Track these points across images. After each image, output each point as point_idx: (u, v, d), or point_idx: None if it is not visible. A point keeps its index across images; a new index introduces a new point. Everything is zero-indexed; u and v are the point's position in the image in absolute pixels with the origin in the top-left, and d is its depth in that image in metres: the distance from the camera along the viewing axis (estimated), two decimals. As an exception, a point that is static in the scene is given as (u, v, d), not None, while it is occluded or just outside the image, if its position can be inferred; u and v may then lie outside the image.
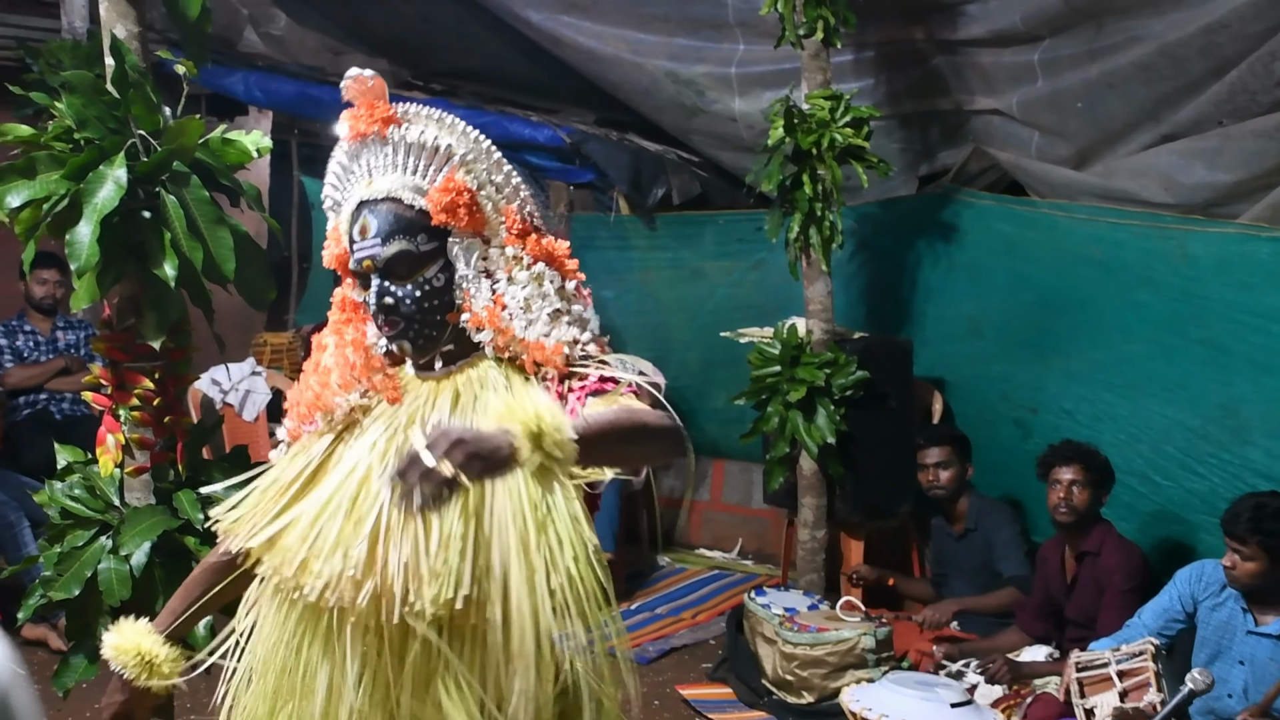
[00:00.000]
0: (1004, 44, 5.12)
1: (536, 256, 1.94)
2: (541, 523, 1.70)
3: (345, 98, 1.92)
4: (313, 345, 2.07)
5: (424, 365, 1.97)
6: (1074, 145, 5.09)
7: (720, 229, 6.88)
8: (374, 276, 1.89)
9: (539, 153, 6.89)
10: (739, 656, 5.18)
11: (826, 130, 5.05)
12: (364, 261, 1.89)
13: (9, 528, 5.44)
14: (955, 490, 5.24)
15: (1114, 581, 4.43)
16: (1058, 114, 5.05)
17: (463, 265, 1.91)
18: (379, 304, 1.89)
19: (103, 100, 3.02)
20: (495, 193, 1.94)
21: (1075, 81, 4.86)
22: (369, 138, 1.91)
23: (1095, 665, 3.71)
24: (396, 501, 1.56)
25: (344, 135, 1.93)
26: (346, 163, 1.95)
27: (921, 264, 6.01)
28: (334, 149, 1.99)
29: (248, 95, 7.22)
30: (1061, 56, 4.87)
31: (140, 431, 3.22)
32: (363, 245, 1.89)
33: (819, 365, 5.20)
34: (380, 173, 1.91)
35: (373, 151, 1.92)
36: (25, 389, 6.20)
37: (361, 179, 1.93)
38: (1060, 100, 4.98)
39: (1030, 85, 5.08)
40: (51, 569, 3.18)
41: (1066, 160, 5.15)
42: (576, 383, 1.90)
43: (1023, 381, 5.61)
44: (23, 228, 2.96)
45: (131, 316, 3.16)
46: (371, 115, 1.90)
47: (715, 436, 7.00)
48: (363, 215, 1.90)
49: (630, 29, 6.17)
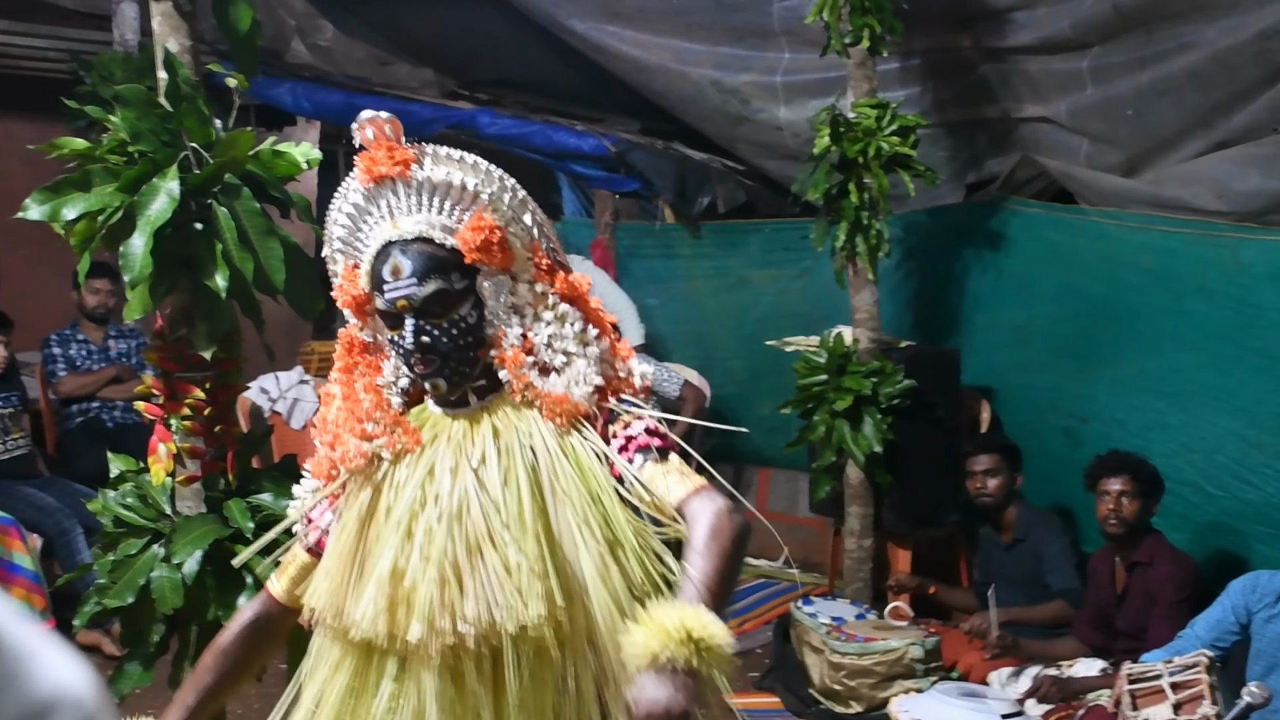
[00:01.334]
0: (1053, 51, 5.08)
1: (563, 294, 1.96)
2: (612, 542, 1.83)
3: (359, 140, 1.92)
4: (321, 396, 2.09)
5: (455, 401, 1.96)
6: (1124, 152, 5.04)
7: (766, 237, 6.87)
8: (408, 316, 1.88)
9: (584, 162, 6.90)
10: (786, 665, 5.16)
11: (873, 139, 5.03)
12: (398, 301, 1.88)
13: (63, 534, 5.50)
14: (1003, 499, 5.19)
15: (1165, 592, 4.38)
16: (1108, 121, 5.01)
17: (493, 302, 1.92)
18: (416, 343, 1.88)
19: (156, 113, 3.05)
20: (522, 230, 1.95)
21: (1126, 88, 4.81)
22: (389, 179, 1.90)
23: (1147, 677, 3.67)
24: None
25: (359, 178, 1.92)
26: (363, 204, 1.94)
27: (969, 272, 5.97)
28: (342, 190, 1.97)
29: (295, 106, 7.28)
30: (1112, 63, 4.83)
31: (191, 441, 3.26)
32: (396, 285, 1.88)
33: (865, 374, 5.18)
34: (404, 213, 1.91)
35: (393, 193, 1.91)
36: (78, 397, 6.29)
37: (382, 220, 1.92)
38: (1110, 107, 4.94)
39: (1080, 92, 5.04)
40: (106, 576, 3.22)
41: (1117, 168, 5.10)
42: (622, 430, 1.92)
43: (1072, 391, 5.56)
44: (78, 239, 3.00)
45: (183, 327, 3.20)
46: (391, 157, 1.89)
47: (760, 445, 6.97)
48: (393, 256, 1.89)
49: (675, 38, 6.17)
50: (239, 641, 2.07)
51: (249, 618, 2.08)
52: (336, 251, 2.01)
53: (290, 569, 2.07)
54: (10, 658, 0.49)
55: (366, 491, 1.94)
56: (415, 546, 1.84)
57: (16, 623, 0.50)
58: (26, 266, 7.23)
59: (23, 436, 5.90)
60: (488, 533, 1.82)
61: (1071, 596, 4.91)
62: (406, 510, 1.87)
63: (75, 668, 0.51)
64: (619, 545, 1.84)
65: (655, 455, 1.89)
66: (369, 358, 2.00)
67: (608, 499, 1.86)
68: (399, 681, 1.86)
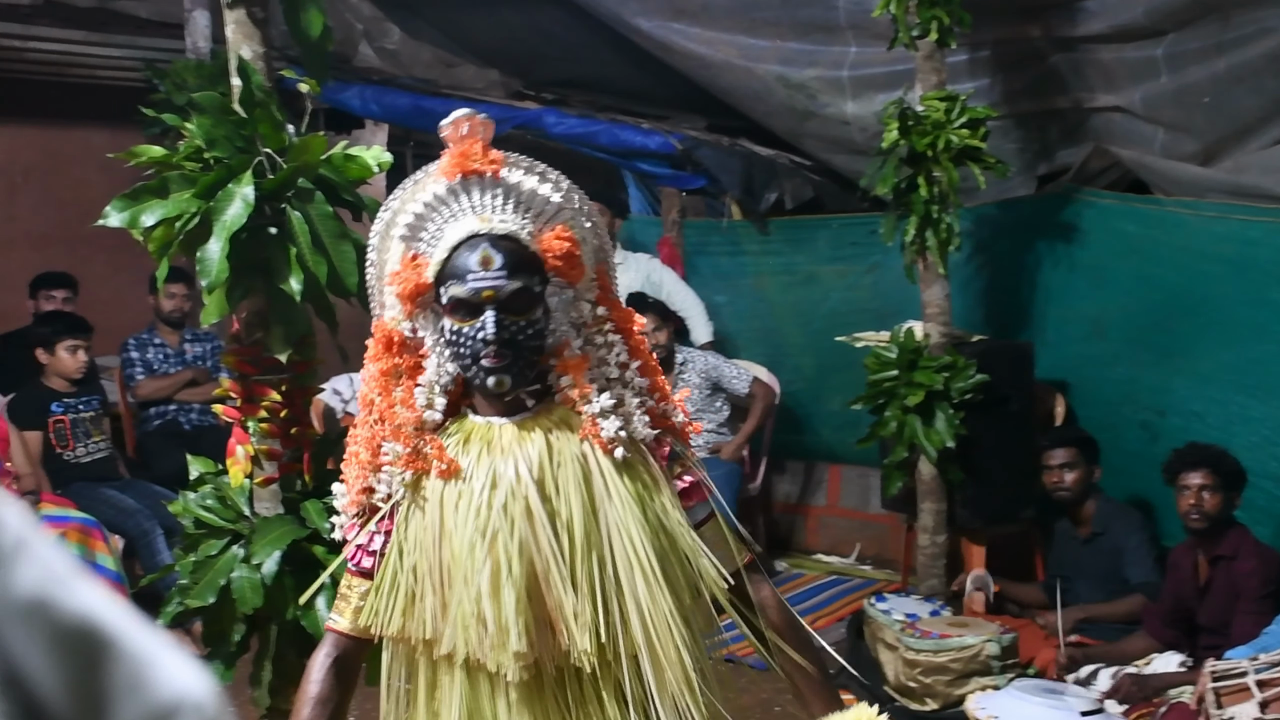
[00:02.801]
0: (1126, 39, 5.01)
1: (617, 323, 2.01)
2: (662, 553, 1.89)
3: (452, 135, 1.92)
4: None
5: (509, 405, 1.96)
6: (1201, 141, 4.96)
7: (834, 233, 6.83)
8: (489, 308, 1.88)
9: (650, 160, 6.90)
10: (860, 662, 5.12)
11: (942, 132, 4.98)
12: (485, 291, 1.87)
13: (144, 535, 5.60)
14: (1081, 492, 5.12)
15: (1250, 587, 4.30)
16: (1183, 109, 4.93)
17: (559, 314, 1.95)
18: (497, 334, 1.87)
19: (230, 120, 3.09)
20: (589, 252, 2.00)
21: (1202, 76, 4.74)
22: (477, 176, 1.91)
23: (1232, 675, 3.60)
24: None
25: (445, 170, 1.92)
26: (443, 195, 1.92)
27: (1041, 265, 5.90)
28: (421, 180, 1.97)
29: (364, 109, 7.35)
30: (1187, 50, 4.76)
31: (268, 443, 3.29)
32: (484, 275, 1.87)
33: (937, 369, 5.14)
34: (492, 211, 1.92)
35: (479, 190, 1.92)
36: (155, 400, 6.39)
37: (463, 214, 1.92)
38: (1186, 95, 4.86)
39: (1154, 81, 4.97)
40: (187, 577, 3.26)
41: (1193, 157, 5.02)
42: (682, 472, 2.02)
43: (1149, 384, 5.48)
44: (156, 245, 3.04)
45: (259, 330, 3.23)
46: (485, 155, 1.91)
47: (831, 441, 6.95)
48: (483, 248, 1.88)
49: (740, 34, 6.15)
50: (330, 688, 2.04)
51: (329, 664, 2.05)
52: (399, 238, 1.96)
53: (353, 599, 2.05)
54: (134, 662, 0.50)
55: (425, 510, 1.94)
56: (500, 563, 1.85)
57: (138, 628, 0.50)
58: (105, 273, 7.36)
59: (103, 439, 6.01)
60: (553, 549, 1.85)
61: (1150, 590, 4.84)
62: (478, 525, 1.88)
63: (196, 672, 0.51)
64: (668, 560, 1.89)
65: (711, 511, 2.02)
66: (408, 356, 1.98)
67: (660, 515, 1.92)
68: (490, 698, 1.90)
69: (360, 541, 2.01)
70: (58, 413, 5.81)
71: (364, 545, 2.01)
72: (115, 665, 0.49)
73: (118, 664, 0.49)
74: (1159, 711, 4.02)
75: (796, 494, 7.31)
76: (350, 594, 2.05)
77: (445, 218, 1.93)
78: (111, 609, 0.50)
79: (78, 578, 0.50)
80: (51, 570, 0.49)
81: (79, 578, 0.50)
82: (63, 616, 0.48)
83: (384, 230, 2.01)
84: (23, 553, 0.48)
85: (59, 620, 0.48)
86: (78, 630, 0.48)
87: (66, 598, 0.49)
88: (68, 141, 7.72)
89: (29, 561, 0.48)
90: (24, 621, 0.48)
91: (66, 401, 5.84)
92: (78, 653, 0.48)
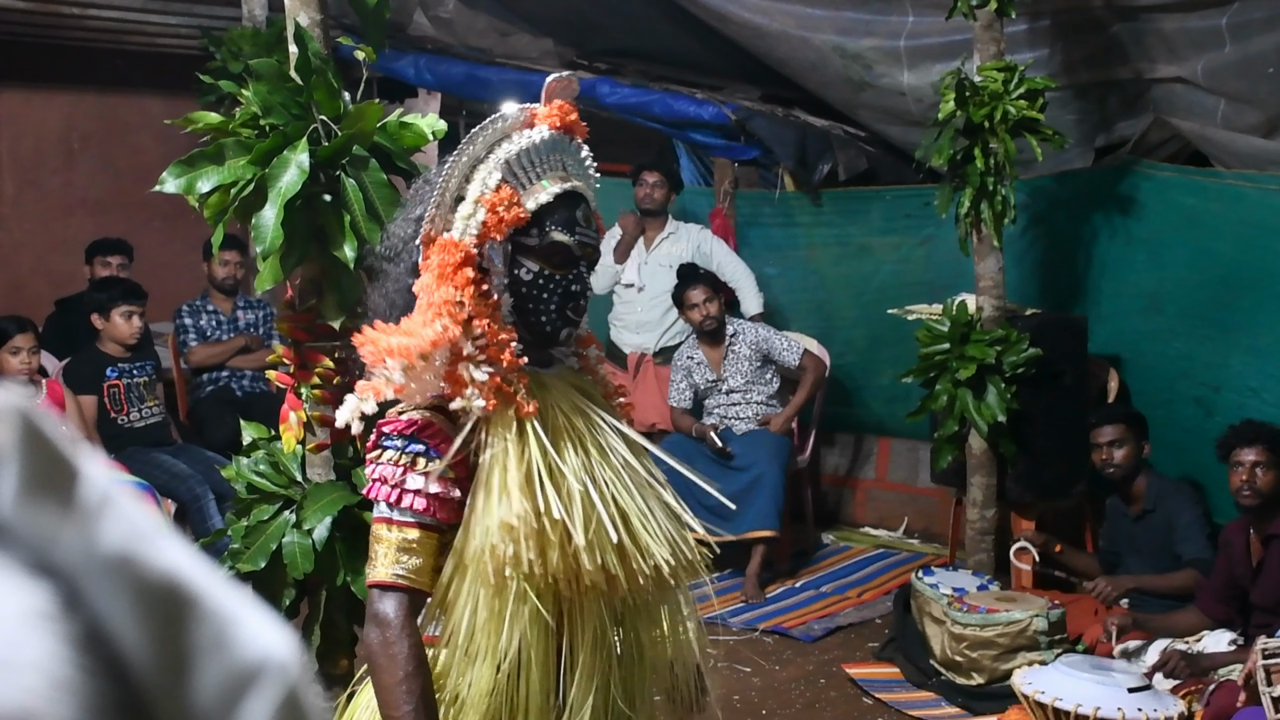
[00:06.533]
0: (1189, 9, 4.92)
1: None
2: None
3: (550, 95, 1.99)
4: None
5: (542, 359, 2.03)
6: (1264, 113, 4.87)
7: (887, 205, 6.78)
8: (581, 265, 2.00)
9: (704, 130, 6.87)
10: (906, 636, 5.12)
11: (999, 103, 4.92)
12: (588, 248, 2.00)
13: (195, 500, 5.66)
14: (1130, 469, 5.08)
15: (1304, 567, 4.25)
16: (1247, 80, 4.84)
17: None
18: (584, 292, 2.01)
19: (286, 87, 3.10)
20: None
21: (1267, 46, 4.65)
22: (568, 137, 2.00)
23: (1285, 654, 3.57)
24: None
25: (550, 119, 1.97)
26: (550, 141, 1.97)
27: (1098, 238, 5.83)
28: (514, 119, 1.97)
29: (418, 78, 7.36)
30: (1251, 20, 4.67)
31: (321, 409, 3.31)
32: (590, 233, 2.01)
33: (989, 342, 5.10)
34: (576, 174, 2.02)
35: (568, 151, 2.01)
36: (208, 366, 6.45)
37: (555, 169, 1.98)
38: (1250, 66, 4.77)
39: (1218, 51, 4.88)
40: (239, 541, 3.30)
41: (1256, 128, 4.93)
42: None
43: (1205, 359, 5.41)
44: (211, 212, 3.06)
45: (313, 297, 3.25)
46: (578, 117, 2.00)
47: (880, 414, 6.92)
48: (583, 205, 2.00)
49: (797, 3, 6.10)
50: (422, 649, 1.88)
51: (413, 624, 1.87)
52: (507, 176, 1.93)
53: (424, 558, 1.87)
54: (218, 621, 0.50)
55: (510, 444, 1.86)
56: (609, 492, 1.91)
57: (223, 587, 0.51)
58: (161, 240, 7.43)
59: (157, 405, 6.08)
60: (644, 478, 1.98)
61: (1203, 566, 4.79)
62: (578, 459, 1.91)
63: (280, 633, 0.52)
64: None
65: None
66: (484, 285, 1.93)
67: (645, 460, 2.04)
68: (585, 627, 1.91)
69: (434, 490, 1.86)
70: (112, 378, 5.88)
71: (440, 494, 1.86)
72: (199, 624, 0.49)
73: (202, 623, 0.49)
74: (1207, 690, 3.98)
75: (845, 467, 7.29)
76: (418, 551, 1.86)
77: (549, 164, 1.98)
78: (196, 567, 0.50)
79: (162, 535, 0.50)
80: (137, 527, 0.49)
81: (163, 535, 0.50)
82: (147, 573, 0.49)
83: (469, 155, 1.94)
84: (108, 508, 0.49)
85: (144, 577, 0.49)
86: (162, 587, 0.49)
87: (152, 554, 0.49)
88: (125, 108, 7.78)
89: (114, 517, 0.48)
90: (109, 578, 0.48)
91: (121, 367, 5.91)
92: (162, 610, 0.49)
